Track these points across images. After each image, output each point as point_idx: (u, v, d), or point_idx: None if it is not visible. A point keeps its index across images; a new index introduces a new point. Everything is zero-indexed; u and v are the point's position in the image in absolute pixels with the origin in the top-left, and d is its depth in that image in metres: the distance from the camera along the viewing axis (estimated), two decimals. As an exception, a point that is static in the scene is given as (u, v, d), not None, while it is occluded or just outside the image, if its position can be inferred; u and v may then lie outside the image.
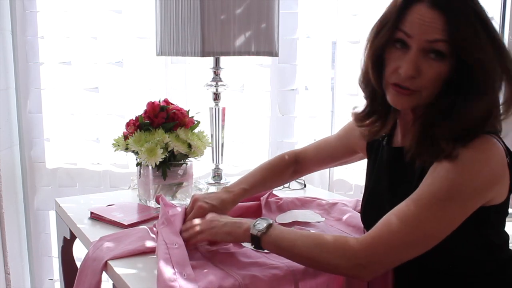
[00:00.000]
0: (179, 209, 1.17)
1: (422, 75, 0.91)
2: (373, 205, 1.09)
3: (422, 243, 0.88)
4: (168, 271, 0.94)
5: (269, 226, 0.98)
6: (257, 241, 0.98)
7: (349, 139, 1.24)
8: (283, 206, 1.36)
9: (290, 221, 1.25)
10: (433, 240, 0.88)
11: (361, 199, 1.41)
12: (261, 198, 1.35)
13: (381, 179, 1.07)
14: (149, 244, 1.10)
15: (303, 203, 1.39)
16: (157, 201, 1.28)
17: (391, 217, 0.89)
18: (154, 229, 1.16)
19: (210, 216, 1.08)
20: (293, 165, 1.35)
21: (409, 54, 0.91)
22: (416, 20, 0.90)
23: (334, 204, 1.36)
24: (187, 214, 1.15)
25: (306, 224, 1.24)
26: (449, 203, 0.86)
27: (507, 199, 0.93)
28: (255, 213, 1.32)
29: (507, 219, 0.98)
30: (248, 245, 1.06)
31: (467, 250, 0.94)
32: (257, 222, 0.99)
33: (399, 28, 0.92)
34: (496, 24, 1.96)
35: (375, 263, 0.89)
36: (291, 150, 1.39)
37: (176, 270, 0.95)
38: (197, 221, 1.08)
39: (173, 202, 1.36)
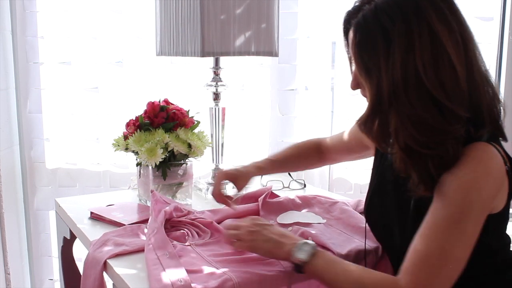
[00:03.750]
0: (168, 208, 1.20)
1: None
2: (377, 202, 1.09)
3: (457, 269, 0.88)
4: (151, 258, 1.00)
5: (313, 254, 0.96)
6: (299, 269, 0.97)
7: (360, 133, 1.24)
8: (283, 205, 1.36)
9: (291, 222, 1.25)
10: (464, 261, 0.88)
11: (362, 199, 1.41)
12: (259, 199, 1.35)
13: (386, 176, 1.07)
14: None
15: (304, 201, 1.39)
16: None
17: (419, 254, 0.88)
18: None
19: (255, 223, 1.05)
20: (318, 152, 1.40)
21: None
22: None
23: (335, 202, 1.36)
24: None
25: (306, 224, 1.24)
26: (466, 224, 0.86)
27: (507, 205, 0.93)
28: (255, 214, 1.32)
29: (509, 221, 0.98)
30: None
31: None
32: (299, 248, 0.96)
33: None
34: (495, 24, 1.96)
35: None
36: (316, 138, 1.44)
37: (158, 255, 1.00)
38: (243, 223, 1.05)
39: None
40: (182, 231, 1.16)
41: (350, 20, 0.94)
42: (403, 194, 0.95)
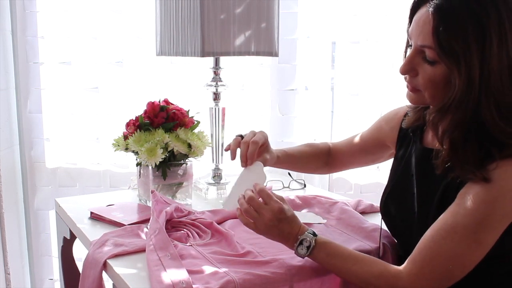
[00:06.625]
0: (168, 208, 1.20)
1: (419, 75, 0.93)
2: (395, 198, 1.10)
3: (460, 273, 0.90)
4: (153, 259, 1.00)
5: (313, 248, 0.99)
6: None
7: (380, 132, 1.24)
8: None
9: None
10: (471, 268, 0.89)
11: (362, 199, 1.42)
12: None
13: (407, 174, 1.07)
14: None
15: (304, 201, 1.39)
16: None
17: (429, 250, 0.90)
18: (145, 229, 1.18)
19: (277, 217, 1.01)
20: (326, 156, 1.37)
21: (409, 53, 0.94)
22: (415, 22, 0.92)
23: (335, 203, 1.36)
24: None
25: (307, 225, 1.23)
26: (483, 235, 0.87)
27: None
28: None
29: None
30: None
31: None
32: (299, 243, 1.00)
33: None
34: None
35: None
36: (324, 142, 1.41)
37: (159, 256, 1.00)
38: (265, 212, 1.02)
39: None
40: (183, 231, 1.16)
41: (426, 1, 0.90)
42: (427, 189, 0.97)
